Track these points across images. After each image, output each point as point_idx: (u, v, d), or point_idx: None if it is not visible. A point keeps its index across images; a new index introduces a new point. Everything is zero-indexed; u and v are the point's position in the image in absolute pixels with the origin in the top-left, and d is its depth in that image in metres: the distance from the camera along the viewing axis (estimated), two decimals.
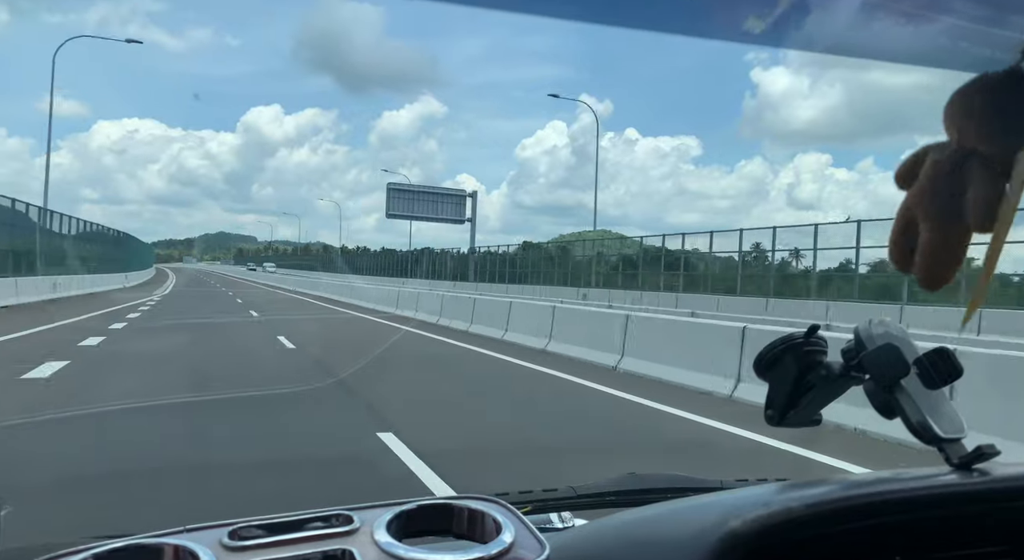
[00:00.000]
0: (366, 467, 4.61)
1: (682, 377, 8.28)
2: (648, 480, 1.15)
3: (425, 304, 18.33)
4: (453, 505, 0.71)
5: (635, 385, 8.14)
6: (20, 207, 21.94)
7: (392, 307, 19.79)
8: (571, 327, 11.22)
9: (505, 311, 13.72)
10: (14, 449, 4.87)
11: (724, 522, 0.64)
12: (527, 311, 13.48)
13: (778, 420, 0.78)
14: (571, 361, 9.86)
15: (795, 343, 0.77)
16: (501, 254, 51.68)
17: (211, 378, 7.76)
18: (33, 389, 6.57)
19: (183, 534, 0.64)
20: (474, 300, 16.06)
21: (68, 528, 2.94)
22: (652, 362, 8.91)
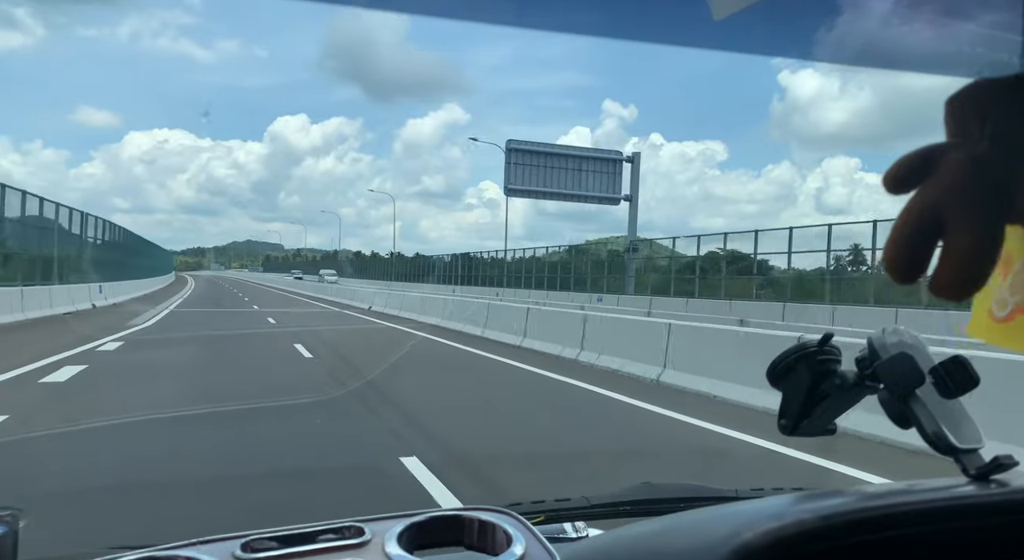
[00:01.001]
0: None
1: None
2: (663, 489, 1.15)
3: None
4: (464, 517, 0.72)
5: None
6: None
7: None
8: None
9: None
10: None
11: (737, 534, 0.64)
12: (697, 336, 9.77)
13: (791, 429, 0.78)
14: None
15: (809, 352, 0.77)
16: (538, 258, 48.65)
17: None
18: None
19: (196, 546, 0.66)
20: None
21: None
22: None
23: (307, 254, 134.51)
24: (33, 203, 21.90)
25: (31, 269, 21.11)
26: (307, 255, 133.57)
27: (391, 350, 12.65)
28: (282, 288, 53.21)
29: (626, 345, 10.55)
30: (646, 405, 7.61)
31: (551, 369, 10.36)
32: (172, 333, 16.03)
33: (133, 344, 12.41)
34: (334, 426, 6.15)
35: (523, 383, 9.56)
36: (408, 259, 73.95)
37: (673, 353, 9.34)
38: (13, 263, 20.29)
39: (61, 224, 25.07)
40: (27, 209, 20.96)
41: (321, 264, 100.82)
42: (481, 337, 15.11)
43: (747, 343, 8.65)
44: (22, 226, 21.20)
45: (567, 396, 8.46)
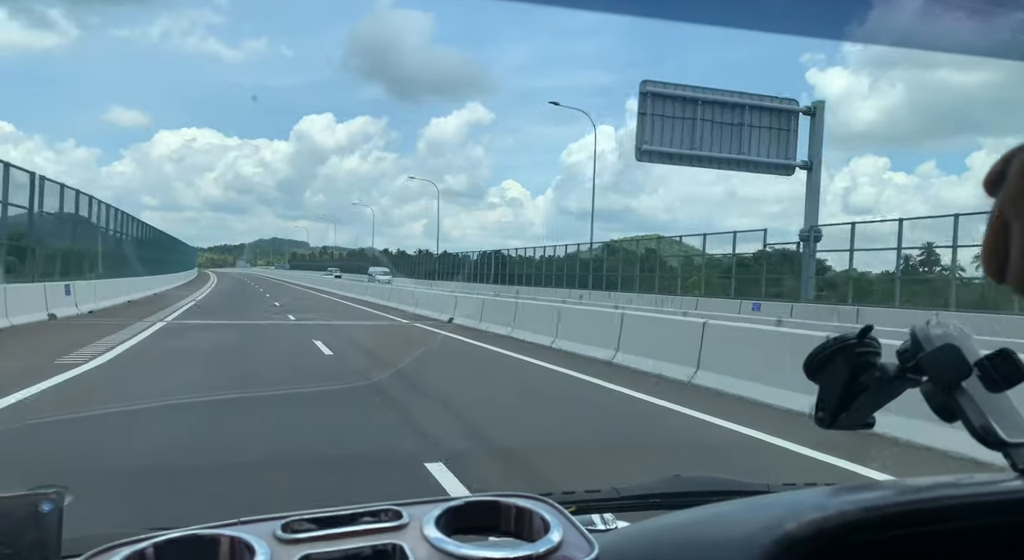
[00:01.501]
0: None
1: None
2: (694, 482, 1.15)
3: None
4: (501, 502, 0.72)
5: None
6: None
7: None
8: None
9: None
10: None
11: (779, 524, 0.64)
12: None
13: (829, 422, 0.78)
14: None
15: (848, 344, 0.77)
16: (569, 256, 46.13)
17: None
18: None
19: (237, 526, 0.68)
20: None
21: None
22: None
23: (333, 252, 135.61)
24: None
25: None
26: (333, 252, 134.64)
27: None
28: (320, 289, 44.06)
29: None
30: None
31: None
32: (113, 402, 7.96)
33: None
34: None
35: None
36: (437, 256, 72.78)
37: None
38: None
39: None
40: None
41: (348, 261, 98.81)
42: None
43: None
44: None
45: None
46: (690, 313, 18.70)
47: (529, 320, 15.05)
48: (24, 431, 5.49)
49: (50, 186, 21.33)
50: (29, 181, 19.63)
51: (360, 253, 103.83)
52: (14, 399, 6.54)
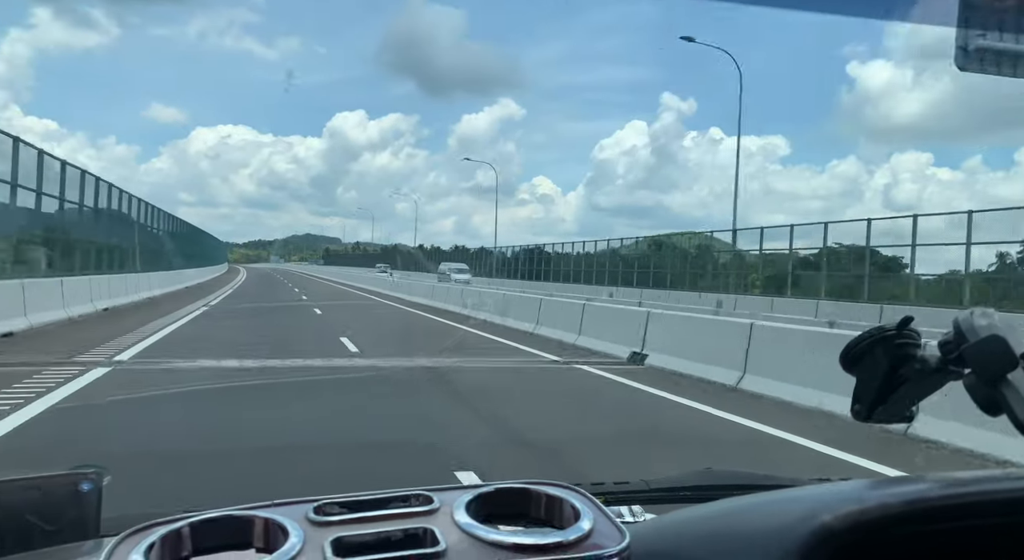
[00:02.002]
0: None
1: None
2: (724, 476, 1.14)
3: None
4: (531, 490, 0.73)
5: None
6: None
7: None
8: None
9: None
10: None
11: (814, 516, 0.63)
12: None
13: (866, 415, 0.77)
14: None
15: (887, 335, 0.76)
16: (611, 252, 43.86)
17: None
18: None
19: (272, 508, 0.69)
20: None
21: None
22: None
23: (366, 247, 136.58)
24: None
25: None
26: (366, 248, 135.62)
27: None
28: (372, 291, 34.90)
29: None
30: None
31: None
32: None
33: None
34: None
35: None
36: (471, 252, 71.08)
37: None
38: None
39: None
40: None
41: (384, 256, 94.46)
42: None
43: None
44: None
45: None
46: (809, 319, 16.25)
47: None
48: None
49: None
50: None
51: (394, 249, 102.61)
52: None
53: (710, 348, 9.75)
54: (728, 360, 9.13)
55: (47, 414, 5.66)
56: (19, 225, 17.24)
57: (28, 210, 17.21)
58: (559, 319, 14.73)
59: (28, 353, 9.22)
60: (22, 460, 4.42)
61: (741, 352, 9.06)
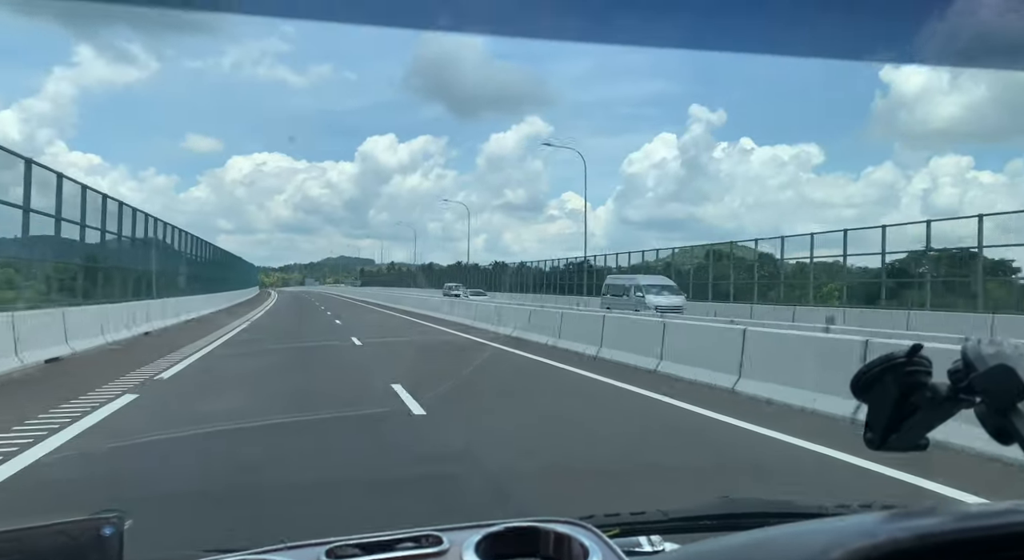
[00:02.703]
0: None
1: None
2: (742, 504, 1.13)
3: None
4: (540, 528, 0.74)
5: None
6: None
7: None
8: None
9: None
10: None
11: (825, 552, 0.63)
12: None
13: (879, 443, 0.77)
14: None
15: (896, 363, 0.76)
16: (662, 261, 41.08)
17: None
18: None
19: (284, 551, 0.71)
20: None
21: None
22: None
23: (400, 267, 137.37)
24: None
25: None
26: (400, 268, 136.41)
27: None
28: (462, 327, 23.07)
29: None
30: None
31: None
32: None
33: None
34: None
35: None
36: (511, 268, 67.73)
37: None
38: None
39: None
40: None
41: (427, 275, 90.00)
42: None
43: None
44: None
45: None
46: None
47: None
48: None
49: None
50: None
51: (429, 268, 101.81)
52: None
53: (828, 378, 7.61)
54: None
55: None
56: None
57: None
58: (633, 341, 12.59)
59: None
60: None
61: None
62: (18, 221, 15.08)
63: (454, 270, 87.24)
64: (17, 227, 15.16)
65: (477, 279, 68.99)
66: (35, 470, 5.28)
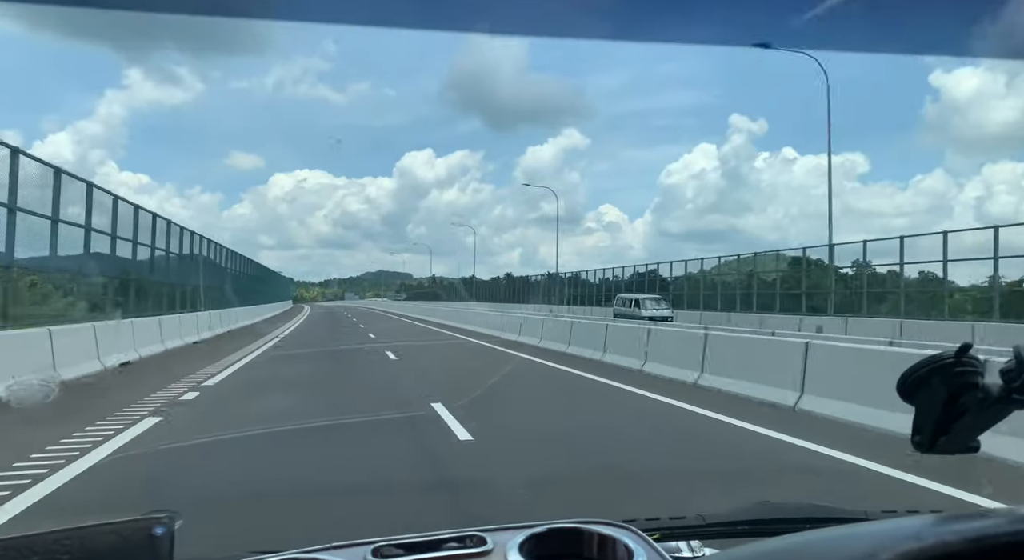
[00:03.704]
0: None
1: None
2: (783, 509, 1.12)
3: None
4: (583, 530, 0.75)
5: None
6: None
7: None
8: None
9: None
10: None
11: (871, 555, 0.63)
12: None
13: (927, 447, 0.76)
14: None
15: (944, 364, 0.75)
16: (749, 276, 37.45)
17: None
18: None
19: (331, 551, 0.73)
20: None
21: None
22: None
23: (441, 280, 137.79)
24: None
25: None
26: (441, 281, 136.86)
27: None
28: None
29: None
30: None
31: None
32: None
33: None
34: None
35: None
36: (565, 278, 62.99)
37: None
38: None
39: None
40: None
41: (472, 288, 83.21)
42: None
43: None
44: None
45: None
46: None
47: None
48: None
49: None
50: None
51: (471, 280, 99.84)
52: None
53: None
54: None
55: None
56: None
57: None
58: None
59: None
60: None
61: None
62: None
63: (493, 284, 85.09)
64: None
65: (523, 292, 66.09)
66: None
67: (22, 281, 14.48)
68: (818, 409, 8.57)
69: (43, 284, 16.14)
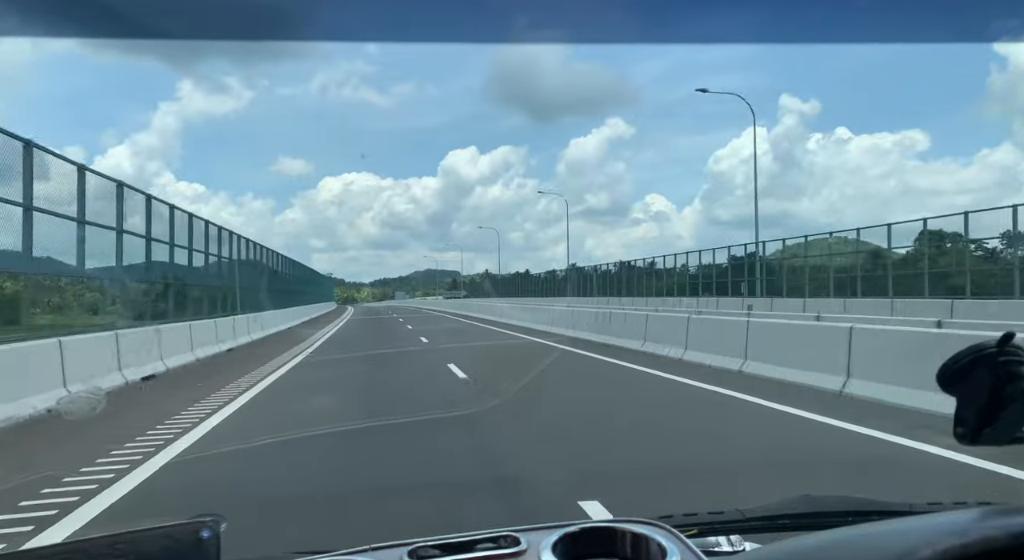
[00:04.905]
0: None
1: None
2: (824, 502, 1.11)
3: None
4: (616, 529, 0.76)
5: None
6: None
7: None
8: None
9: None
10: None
11: (912, 552, 0.62)
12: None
13: (971, 438, 0.75)
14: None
15: (987, 353, 0.74)
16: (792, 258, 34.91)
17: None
18: None
19: (369, 552, 0.76)
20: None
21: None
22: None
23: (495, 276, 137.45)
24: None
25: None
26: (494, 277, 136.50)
27: None
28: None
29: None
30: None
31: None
32: None
33: None
34: None
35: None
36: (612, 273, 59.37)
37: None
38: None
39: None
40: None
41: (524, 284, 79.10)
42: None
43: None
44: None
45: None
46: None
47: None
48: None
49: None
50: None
51: (525, 275, 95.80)
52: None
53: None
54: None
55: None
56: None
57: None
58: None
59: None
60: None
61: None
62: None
63: (548, 278, 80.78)
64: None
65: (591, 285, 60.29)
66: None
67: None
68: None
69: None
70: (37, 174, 11.86)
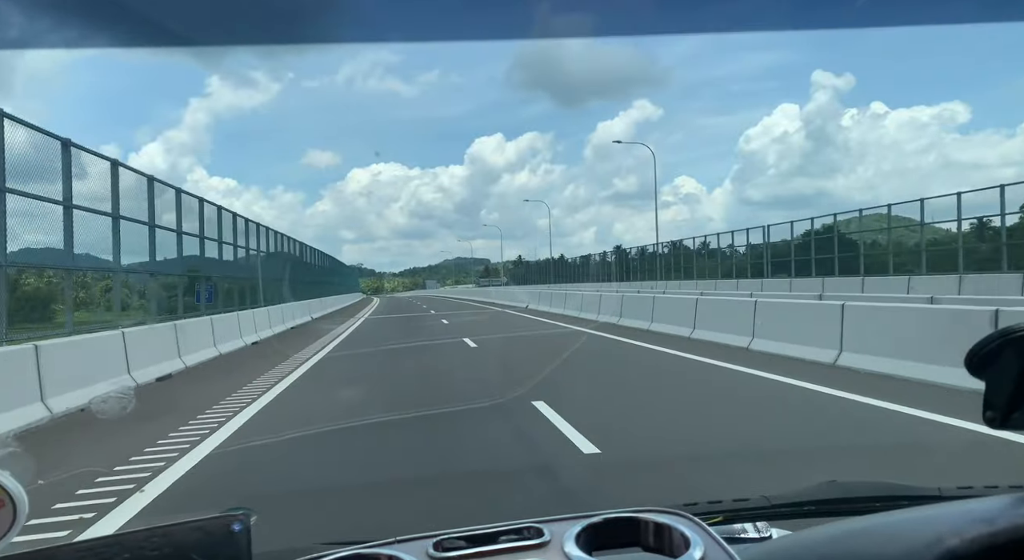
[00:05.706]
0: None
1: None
2: (852, 488, 1.11)
3: None
4: (640, 518, 0.77)
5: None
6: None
7: None
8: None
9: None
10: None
11: (940, 540, 0.62)
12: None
13: (1001, 422, 0.74)
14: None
15: (1017, 336, 0.73)
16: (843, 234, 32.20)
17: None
18: None
19: (395, 545, 0.78)
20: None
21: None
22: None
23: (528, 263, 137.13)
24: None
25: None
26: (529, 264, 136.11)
27: None
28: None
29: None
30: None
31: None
32: None
33: None
34: None
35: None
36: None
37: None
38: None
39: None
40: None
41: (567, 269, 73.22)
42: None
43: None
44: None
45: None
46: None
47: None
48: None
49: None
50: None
51: (561, 260, 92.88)
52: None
53: None
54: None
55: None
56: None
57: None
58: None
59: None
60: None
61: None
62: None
63: (581, 262, 77.58)
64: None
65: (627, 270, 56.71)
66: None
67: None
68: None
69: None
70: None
